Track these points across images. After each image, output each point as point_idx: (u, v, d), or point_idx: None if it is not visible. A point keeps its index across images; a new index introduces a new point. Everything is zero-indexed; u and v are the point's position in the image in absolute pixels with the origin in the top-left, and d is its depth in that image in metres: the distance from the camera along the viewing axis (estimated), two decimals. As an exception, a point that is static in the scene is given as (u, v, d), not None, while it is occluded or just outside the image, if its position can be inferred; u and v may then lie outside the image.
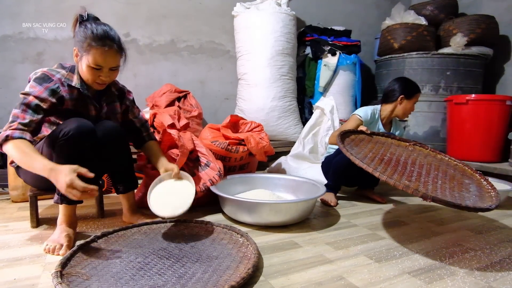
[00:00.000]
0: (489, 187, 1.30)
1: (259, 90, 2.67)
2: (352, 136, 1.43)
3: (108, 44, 1.16)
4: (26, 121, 1.12)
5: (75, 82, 1.23)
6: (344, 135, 1.39)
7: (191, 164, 1.65)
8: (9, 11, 2.28)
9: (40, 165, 1.02)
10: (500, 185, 1.92)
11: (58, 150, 1.14)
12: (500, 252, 1.22)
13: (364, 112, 1.83)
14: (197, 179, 1.58)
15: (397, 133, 1.95)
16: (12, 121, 1.11)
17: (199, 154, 1.70)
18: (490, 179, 2.02)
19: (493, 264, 1.12)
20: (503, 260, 1.16)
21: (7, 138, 1.07)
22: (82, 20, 1.19)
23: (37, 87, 1.16)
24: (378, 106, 1.93)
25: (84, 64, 1.18)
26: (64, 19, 2.40)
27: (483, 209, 1.05)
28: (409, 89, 1.84)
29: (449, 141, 2.72)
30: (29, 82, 1.19)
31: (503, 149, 2.53)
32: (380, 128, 1.91)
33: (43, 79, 1.18)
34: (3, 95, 2.31)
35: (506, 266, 1.11)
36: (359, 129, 1.62)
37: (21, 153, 1.05)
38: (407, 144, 1.57)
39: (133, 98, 1.48)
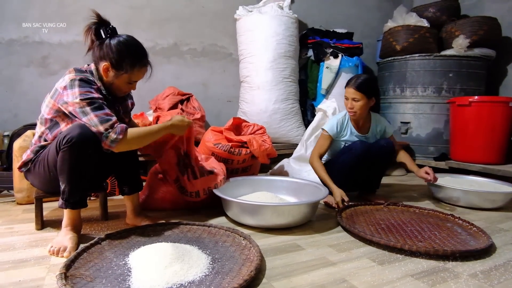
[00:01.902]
0: (467, 224, 1.48)
1: (262, 93, 2.68)
2: (343, 215, 1.58)
3: (146, 62, 1.29)
4: (115, 117, 1.20)
5: (102, 88, 1.27)
6: (340, 214, 1.55)
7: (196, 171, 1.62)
8: (14, 15, 2.31)
9: (160, 126, 1.30)
10: (504, 187, 1.91)
11: (62, 156, 1.15)
12: (504, 255, 1.21)
13: (330, 126, 1.83)
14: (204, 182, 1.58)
15: (378, 129, 1.87)
16: (107, 120, 1.16)
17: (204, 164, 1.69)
18: (493, 181, 2.03)
19: (497, 267, 1.11)
20: (507, 262, 1.15)
21: (126, 129, 1.19)
22: (109, 34, 1.23)
23: (91, 90, 1.19)
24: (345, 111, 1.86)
25: (121, 80, 1.25)
26: (69, 23, 2.42)
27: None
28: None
29: (452, 143, 2.71)
30: (65, 89, 1.17)
31: (507, 151, 2.52)
32: (353, 131, 1.85)
33: (88, 82, 1.20)
34: (9, 98, 2.34)
35: (510, 269, 1.10)
36: (339, 205, 1.61)
37: (143, 131, 1.25)
38: (382, 206, 1.73)
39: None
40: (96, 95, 1.18)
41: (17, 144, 1.71)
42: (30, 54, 2.37)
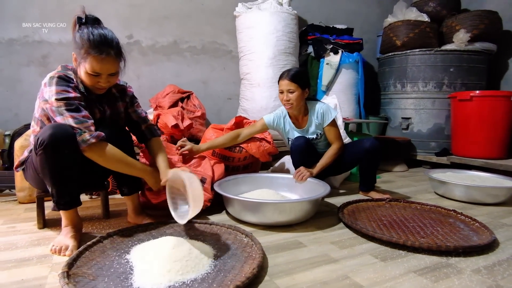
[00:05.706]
0: (470, 219, 1.48)
1: (262, 90, 2.67)
2: (345, 211, 1.59)
3: (105, 51, 1.12)
4: (92, 120, 1.15)
5: (80, 86, 1.20)
6: (342, 210, 1.57)
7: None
8: (14, 14, 2.30)
9: (142, 167, 1.29)
10: (506, 182, 1.91)
11: (39, 160, 1.10)
12: (508, 250, 1.21)
13: (268, 116, 1.92)
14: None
15: (317, 118, 1.82)
16: (82, 121, 1.11)
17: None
18: (495, 176, 2.02)
19: (500, 262, 1.11)
20: (510, 258, 1.15)
21: (104, 138, 1.14)
22: (81, 23, 1.15)
23: (68, 89, 1.13)
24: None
25: (82, 71, 1.15)
26: (68, 21, 2.42)
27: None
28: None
29: (453, 138, 2.70)
30: (45, 86, 1.14)
31: (509, 145, 2.51)
32: (292, 126, 1.88)
33: (66, 80, 1.15)
34: (9, 97, 2.34)
35: (513, 263, 1.10)
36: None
37: (123, 156, 1.21)
38: (384, 202, 1.74)
39: (133, 93, 1.43)
40: (72, 94, 1.13)
41: (18, 143, 1.71)
42: (30, 53, 2.37)
